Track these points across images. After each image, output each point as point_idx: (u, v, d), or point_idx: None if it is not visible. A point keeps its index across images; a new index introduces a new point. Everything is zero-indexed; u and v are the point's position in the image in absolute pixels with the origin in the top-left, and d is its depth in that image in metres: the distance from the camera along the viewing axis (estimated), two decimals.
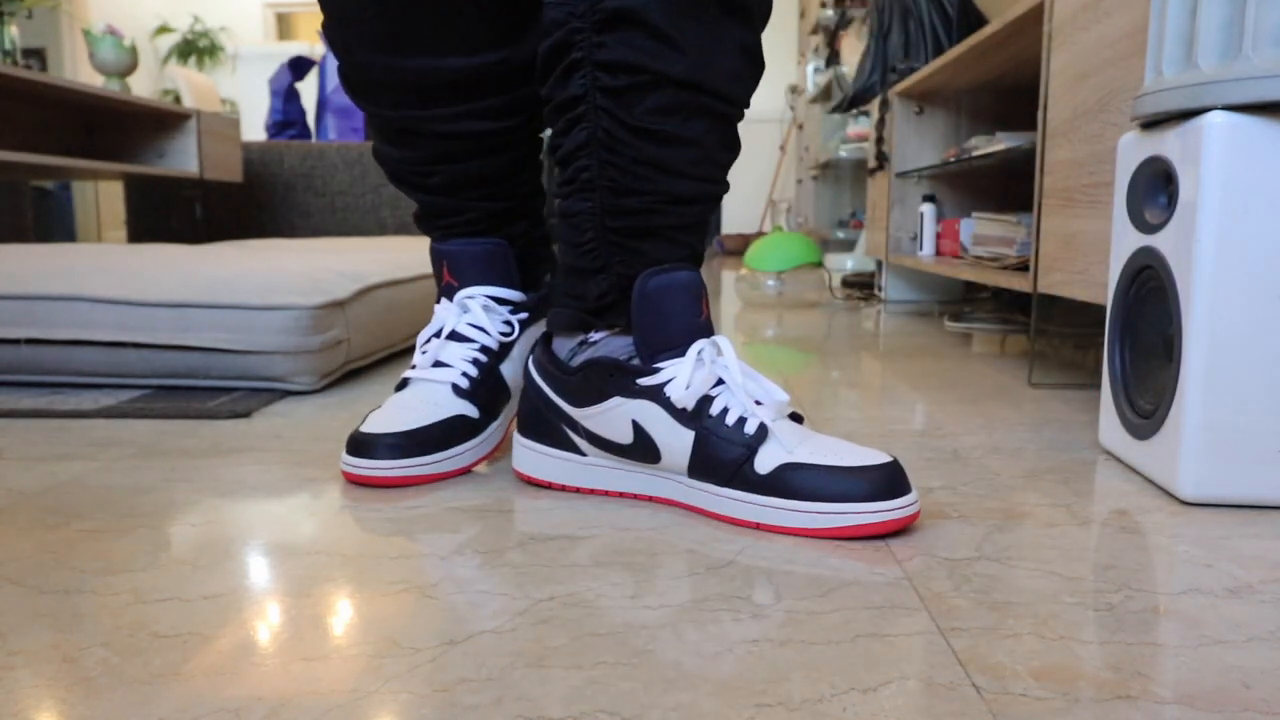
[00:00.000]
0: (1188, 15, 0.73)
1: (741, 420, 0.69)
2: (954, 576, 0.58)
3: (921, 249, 2.32)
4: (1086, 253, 1.14)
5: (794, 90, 5.61)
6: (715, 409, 0.69)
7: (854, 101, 2.72)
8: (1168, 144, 0.76)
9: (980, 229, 1.93)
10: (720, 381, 0.70)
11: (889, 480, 0.65)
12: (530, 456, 0.78)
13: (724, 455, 0.68)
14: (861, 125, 3.53)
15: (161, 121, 2.65)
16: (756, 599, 0.55)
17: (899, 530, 0.66)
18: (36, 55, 5.62)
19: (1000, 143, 1.74)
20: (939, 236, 2.29)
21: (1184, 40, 0.74)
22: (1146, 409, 0.80)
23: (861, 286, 2.87)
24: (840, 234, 4.17)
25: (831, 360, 1.52)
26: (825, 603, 0.54)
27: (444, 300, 0.88)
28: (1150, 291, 0.81)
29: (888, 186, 2.46)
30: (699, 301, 0.72)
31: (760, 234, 4.94)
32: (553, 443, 0.77)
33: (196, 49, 6.48)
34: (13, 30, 2.55)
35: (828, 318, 2.19)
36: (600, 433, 0.73)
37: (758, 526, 0.67)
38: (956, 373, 1.39)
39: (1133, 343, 0.84)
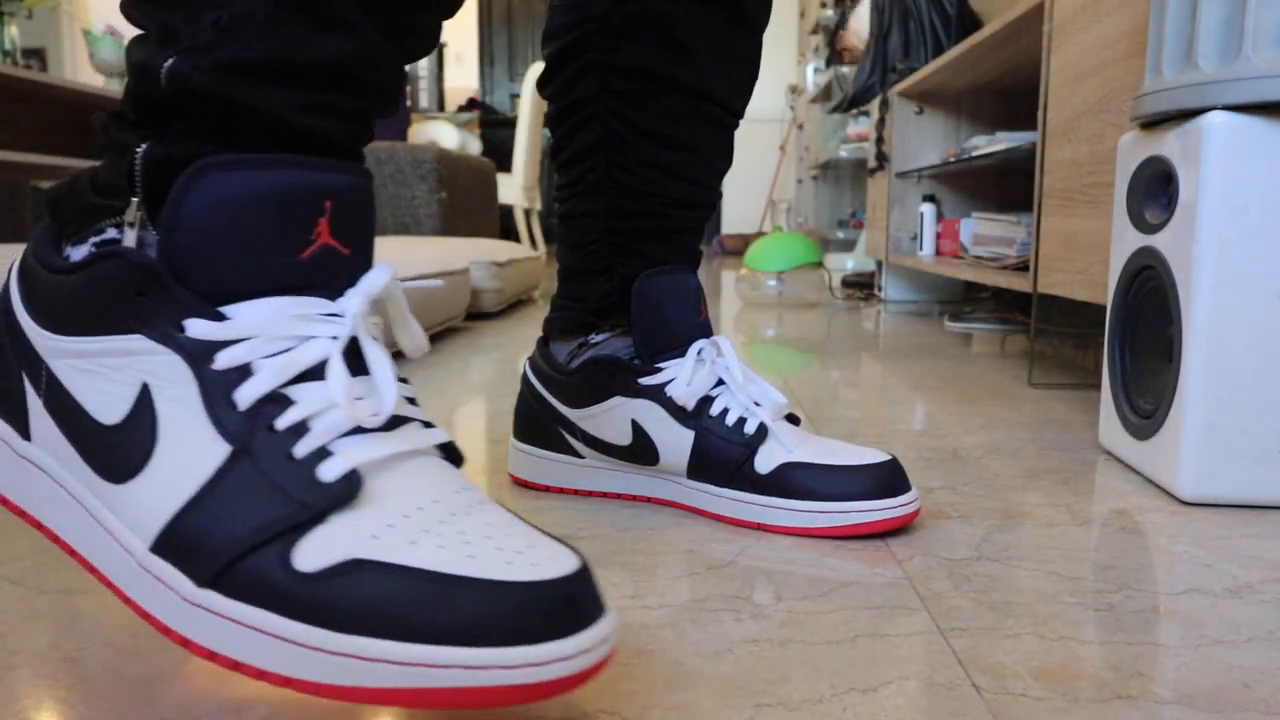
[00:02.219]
0: (1188, 15, 0.73)
1: (741, 420, 0.68)
2: (954, 576, 0.58)
3: (921, 249, 2.32)
4: (1086, 253, 1.14)
5: (794, 90, 5.62)
6: (715, 409, 0.69)
7: (854, 101, 2.72)
8: (1168, 144, 0.76)
9: (980, 229, 1.93)
10: (720, 382, 0.70)
11: (889, 478, 0.65)
12: (526, 460, 0.78)
13: (724, 455, 0.68)
14: (861, 125, 3.53)
15: None
16: (756, 599, 0.55)
17: (900, 528, 0.66)
18: (36, 55, 5.62)
19: (1000, 143, 1.74)
20: (939, 236, 2.29)
21: (1184, 40, 0.74)
22: (1146, 409, 0.80)
23: (861, 286, 2.87)
24: (840, 234, 4.17)
25: (831, 360, 1.52)
26: (825, 603, 0.54)
27: (309, 298, 0.42)
28: (1150, 291, 0.81)
29: (888, 186, 2.46)
30: (698, 302, 0.72)
31: (760, 234, 4.95)
32: (549, 446, 0.76)
33: None
34: (13, 30, 2.55)
35: (828, 318, 2.19)
36: (598, 434, 0.73)
37: (759, 526, 0.67)
38: (956, 373, 1.39)
39: (1133, 343, 0.84)
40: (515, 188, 4.42)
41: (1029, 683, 0.45)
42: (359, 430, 0.40)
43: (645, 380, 0.70)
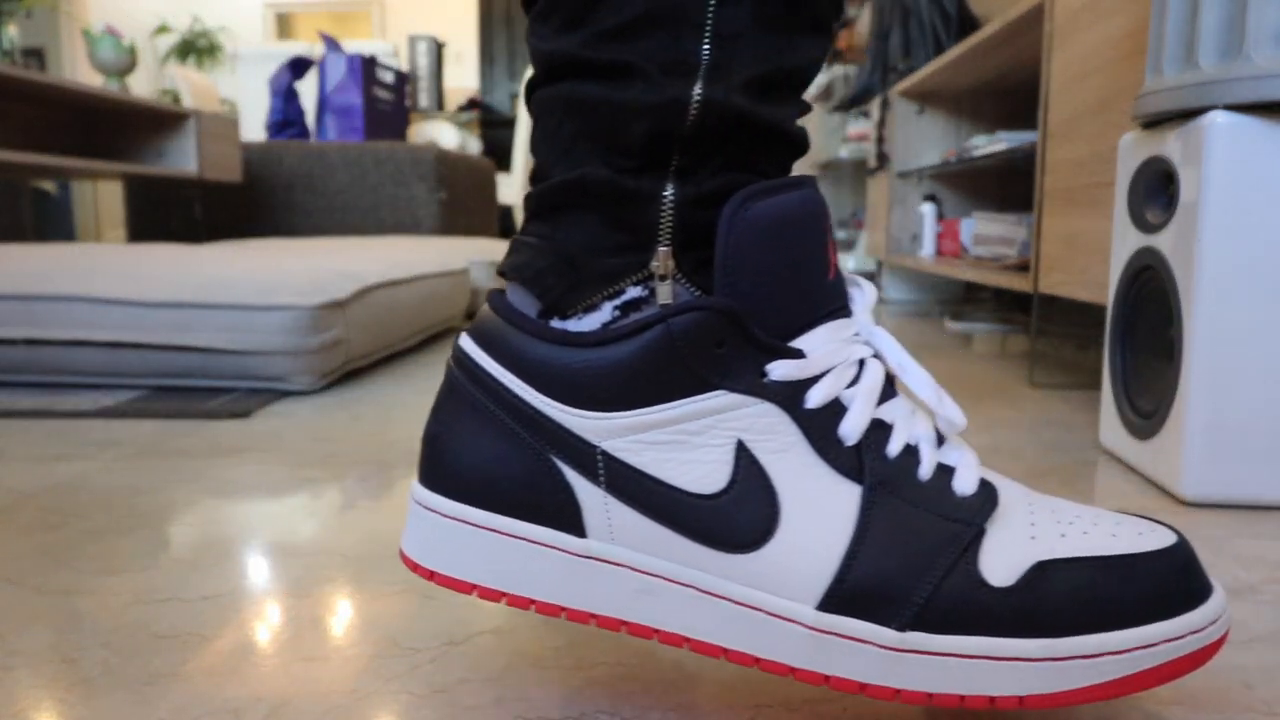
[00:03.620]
0: (1188, 15, 0.73)
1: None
2: None
3: (922, 249, 2.32)
4: (1087, 253, 1.14)
5: None
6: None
7: (854, 101, 2.72)
8: (1168, 144, 0.76)
9: (981, 229, 1.93)
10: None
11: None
12: None
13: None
14: (861, 125, 3.53)
15: (160, 121, 2.65)
16: None
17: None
18: (36, 55, 5.62)
19: (1001, 143, 1.74)
20: (939, 236, 2.29)
21: (1184, 40, 0.74)
22: (1147, 409, 0.80)
23: None
24: (840, 234, 4.16)
25: None
26: None
27: (841, 320, 0.40)
28: (1151, 291, 0.80)
29: (888, 186, 2.46)
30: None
31: None
32: None
33: (196, 49, 6.48)
34: (12, 30, 2.55)
35: None
36: None
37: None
38: (957, 373, 1.39)
39: (1133, 343, 0.84)
40: (515, 188, 4.42)
41: None
42: (941, 440, 0.40)
43: None
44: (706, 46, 0.37)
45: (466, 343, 0.41)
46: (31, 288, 1.19)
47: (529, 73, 0.75)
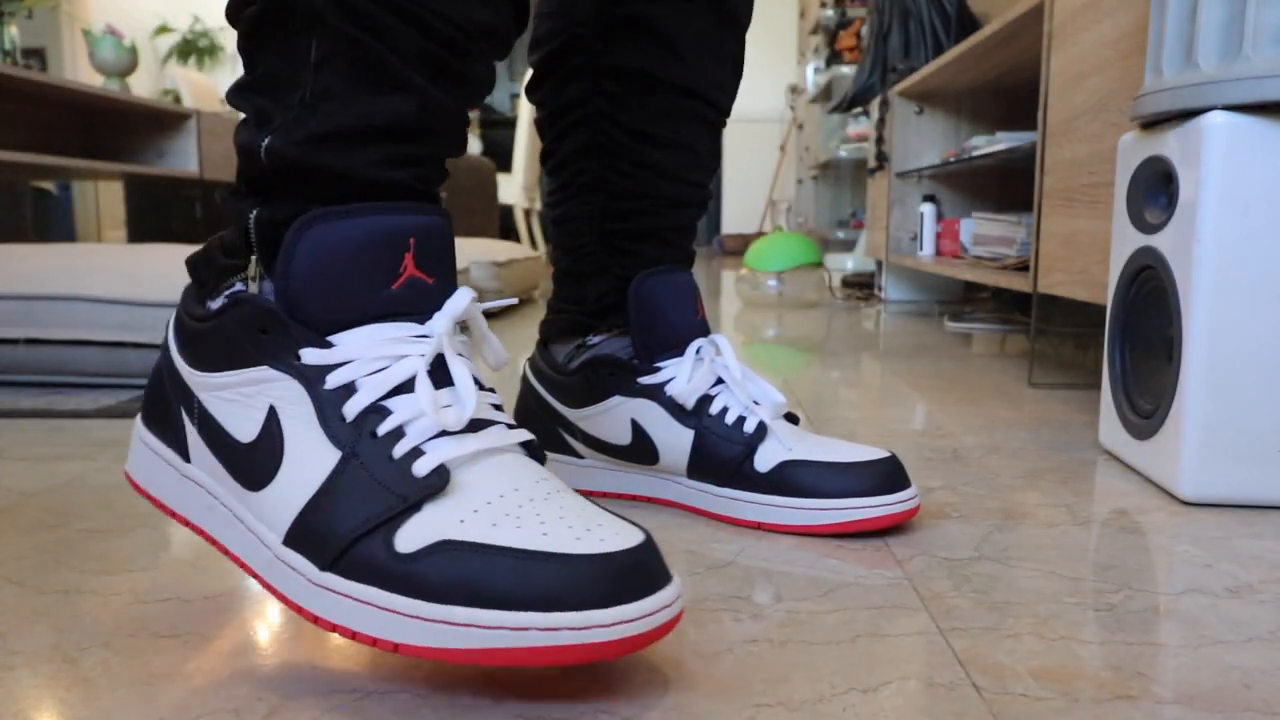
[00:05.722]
0: (1188, 15, 0.73)
1: (741, 419, 0.68)
2: (954, 576, 0.58)
3: (921, 249, 2.32)
4: (1086, 253, 1.14)
5: (794, 90, 5.61)
6: (715, 408, 0.69)
7: (854, 101, 2.72)
8: (1168, 144, 0.76)
9: (980, 229, 1.93)
10: (719, 381, 0.70)
11: (888, 474, 0.65)
12: None
13: (723, 453, 0.68)
14: (861, 125, 3.53)
15: (161, 121, 2.65)
16: (756, 599, 0.55)
17: (900, 524, 0.66)
18: (36, 55, 5.62)
19: (1000, 143, 1.74)
20: (939, 236, 2.29)
21: (1184, 40, 0.74)
22: (1146, 409, 0.80)
23: (861, 286, 2.87)
24: (840, 234, 4.16)
25: (831, 360, 1.52)
26: (825, 603, 0.54)
27: (401, 324, 0.48)
28: (1150, 291, 0.81)
29: (888, 186, 2.46)
30: (694, 301, 0.72)
31: (760, 234, 4.95)
32: (549, 447, 0.76)
33: (196, 49, 6.47)
34: (13, 30, 2.55)
35: (828, 318, 2.19)
36: (598, 434, 0.73)
37: (758, 526, 0.67)
38: (956, 373, 1.39)
39: (1133, 343, 0.84)
40: (515, 187, 4.42)
41: (1029, 683, 0.45)
42: (445, 433, 0.45)
43: (644, 379, 0.70)
44: (300, 100, 0.46)
45: (171, 319, 0.54)
46: (31, 288, 1.19)
47: (529, 74, 0.75)
